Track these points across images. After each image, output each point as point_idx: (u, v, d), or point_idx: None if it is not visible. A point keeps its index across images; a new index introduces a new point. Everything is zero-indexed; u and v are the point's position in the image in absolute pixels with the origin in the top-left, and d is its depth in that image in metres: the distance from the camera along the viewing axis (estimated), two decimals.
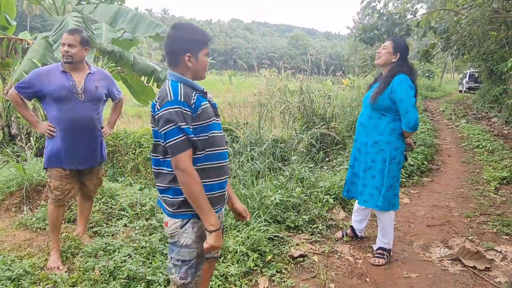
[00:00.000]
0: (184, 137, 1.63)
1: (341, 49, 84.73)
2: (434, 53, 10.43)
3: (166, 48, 1.75)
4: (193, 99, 1.69)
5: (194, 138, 1.66)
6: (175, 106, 1.63)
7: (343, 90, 10.17)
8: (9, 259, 2.74)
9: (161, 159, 1.75)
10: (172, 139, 1.63)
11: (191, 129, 1.66)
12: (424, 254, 3.25)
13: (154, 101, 1.71)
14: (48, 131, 2.80)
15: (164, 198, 1.78)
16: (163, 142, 1.68)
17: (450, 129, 10.24)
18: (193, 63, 1.74)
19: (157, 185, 1.80)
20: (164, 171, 1.75)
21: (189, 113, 1.66)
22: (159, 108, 1.65)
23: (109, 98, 3.12)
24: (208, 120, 1.74)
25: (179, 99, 1.64)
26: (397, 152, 2.91)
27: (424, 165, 5.87)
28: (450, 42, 9.50)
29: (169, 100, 1.63)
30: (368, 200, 3.02)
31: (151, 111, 1.76)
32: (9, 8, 7.23)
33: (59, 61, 2.95)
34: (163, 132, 1.64)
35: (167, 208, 1.77)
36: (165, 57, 1.78)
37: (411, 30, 9.02)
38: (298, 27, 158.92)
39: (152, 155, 1.81)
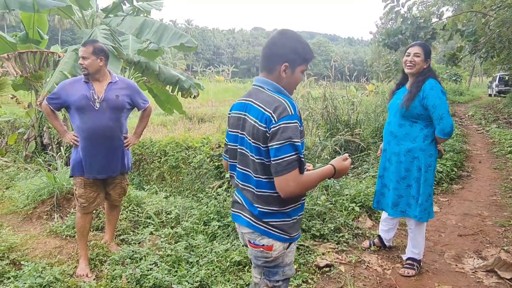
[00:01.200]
0: (297, 155, 1.48)
1: (364, 55, 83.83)
2: (461, 56, 10.14)
3: (266, 51, 1.63)
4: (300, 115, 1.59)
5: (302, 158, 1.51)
6: (295, 121, 1.49)
7: (367, 96, 10.03)
8: (41, 266, 2.82)
9: (266, 180, 1.58)
10: (284, 156, 1.46)
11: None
12: (456, 265, 3.12)
13: (269, 114, 1.50)
14: (73, 140, 2.90)
15: (272, 223, 1.62)
16: (267, 160, 1.53)
17: (480, 134, 9.89)
18: (288, 75, 1.61)
19: (260, 208, 1.62)
20: (272, 194, 1.59)
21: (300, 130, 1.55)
22: (276, 120, 1.47)
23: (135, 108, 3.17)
24: (303, 139, 1.62)
25: (297, 114, 1.52)
26: (432, 159, 2.82)
27: (454, 172, 5.68)
28: (478, 44, 9.22)
29: (290, 114, 1.49)
30: (406, 210, 2.92)
31: (262, 125, 1.52)
32: (41, 23, 7.55)
33: None
34: (276, 146, 1.47)
35: (277, 232, 1.62)
36: (261, 60, 1.66)
37: (437, 33, 8.81)
38: (320, 34, 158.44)
39: (255, 177, 1.61)
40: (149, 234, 3.45)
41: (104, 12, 7.03)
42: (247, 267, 2.85)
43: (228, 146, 1.77)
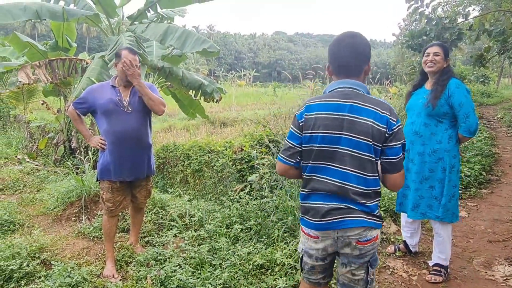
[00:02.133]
0: (404, 154, 1.71)
1: (387, 57, 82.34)
2: (489, 57, 9.82)
3: (351, 58, 1.69)
4: None
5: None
6: (401, 124, 1.68)
7: (390, 98, 9.88)
8: (69, 266, 2.91)
9: (372, 178, 1.69)
10: (400, 154, 1.68)
11: None
12: (486, 272, 3.02)
13: (387, 116, 1.64)
14: (99, 144, 2.95)
15: (377, 214, 1.74)
16: (377, 158, 1.67)
17: (510, 137, 9.52)
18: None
19: (371, 203, 1.70)
20: (376, 190, 1.72)
21: None
22: (395, 122, 1.65)
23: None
24: None
25: None
26: (455, 160, 2.80)
27: (482, 176, 5.49)
28: (507, 44, 8.91)
29: (398, 117, 1.68)
30: (427, 212, 2.87)
31: (382, 126, 1.63)
32: (70, 32, 7.85)
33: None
34: (397, 146, 1.66)
35: (380, 220, 1.76)
36: (347, 66, 1.70)
37: (463, 34, 8.57)
38: None
39: (362, 174, 1.67)
40: (173, 236, 3.50)
41: (129, 19, 7.23)
42: (269, 270, 2.85)
43: (321, 148, 1.70)
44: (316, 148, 1.71)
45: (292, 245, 3.08)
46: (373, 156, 1.66)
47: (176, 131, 11.56)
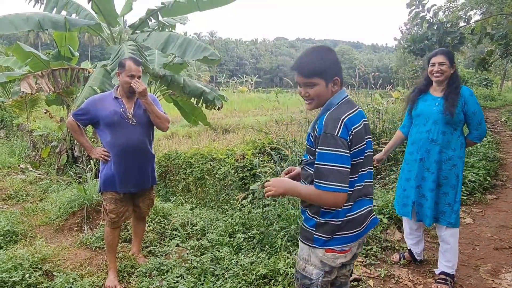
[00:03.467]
0: None
1: (389, 62, 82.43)
2: (491, 60, 9.79)
3: None
4: None
5: None
6: None
7: (393, 103, 9.85)
8: (71, 277, 2.89)
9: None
10: None
11: None
12: (493, 280, 2.97)
13: None
14: (102, 156, 2.92)
15: None
16: None
17: None
18: None
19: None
20: None
21: None
22: None
23: None
24: None
25: None
26: (463, 166, 2.89)
27: (487, 181, 5.43)
28: (509, 48, 8.89)
29: None
30: (440, 217, 2.85)
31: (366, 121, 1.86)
32: (72, 41, 7.90)
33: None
34: None
35: None
36: None
37: (465, 38, 8.55)
38: (343, 41, 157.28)
39: (371, 169, 1.88)
40: (175, 246, 3.48)
41: (131, 28, 7.26)
42: (273, 280, 2.82)
43: (364, 156, 1.71)
44: (363, 159, 1.72)
45: (295, 254, 3.05)
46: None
47: (179, 138, 11.58)
